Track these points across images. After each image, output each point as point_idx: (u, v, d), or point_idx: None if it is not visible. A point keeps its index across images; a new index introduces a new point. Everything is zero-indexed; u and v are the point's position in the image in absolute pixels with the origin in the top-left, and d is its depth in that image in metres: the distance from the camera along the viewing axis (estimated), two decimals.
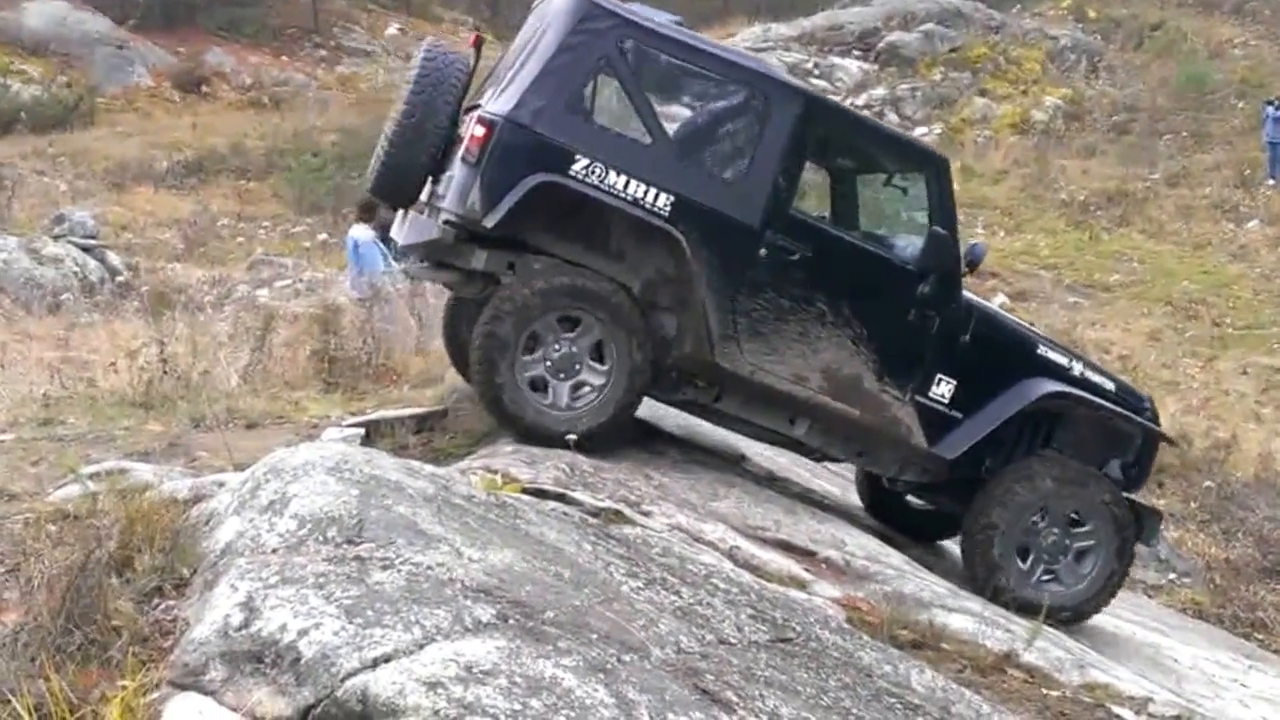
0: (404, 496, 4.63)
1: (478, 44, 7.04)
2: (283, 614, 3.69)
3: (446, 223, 6.36)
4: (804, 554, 6.23)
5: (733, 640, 4.51)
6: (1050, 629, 6.27)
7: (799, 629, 4.83)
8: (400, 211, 7.22)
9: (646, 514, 5.90)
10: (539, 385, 6.47)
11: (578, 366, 6.46)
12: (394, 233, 7.37)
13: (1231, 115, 31.34)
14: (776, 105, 6.64)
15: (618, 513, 5.71)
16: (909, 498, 7.95)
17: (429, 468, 5.44)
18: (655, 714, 3.62)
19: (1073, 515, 7.04)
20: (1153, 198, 27.91)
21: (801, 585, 5.67)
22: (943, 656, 5.30)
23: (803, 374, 6.73)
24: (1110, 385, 7.33)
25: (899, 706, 4.44)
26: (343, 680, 3.45)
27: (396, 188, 6.81)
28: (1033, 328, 7.55)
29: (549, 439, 6.36)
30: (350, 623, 3.65)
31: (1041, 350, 7.16)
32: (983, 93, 33.11)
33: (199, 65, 34.50)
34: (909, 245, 6.99)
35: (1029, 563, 7.00)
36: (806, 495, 7.47)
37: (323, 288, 15.39)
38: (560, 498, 5.72)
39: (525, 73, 6.41)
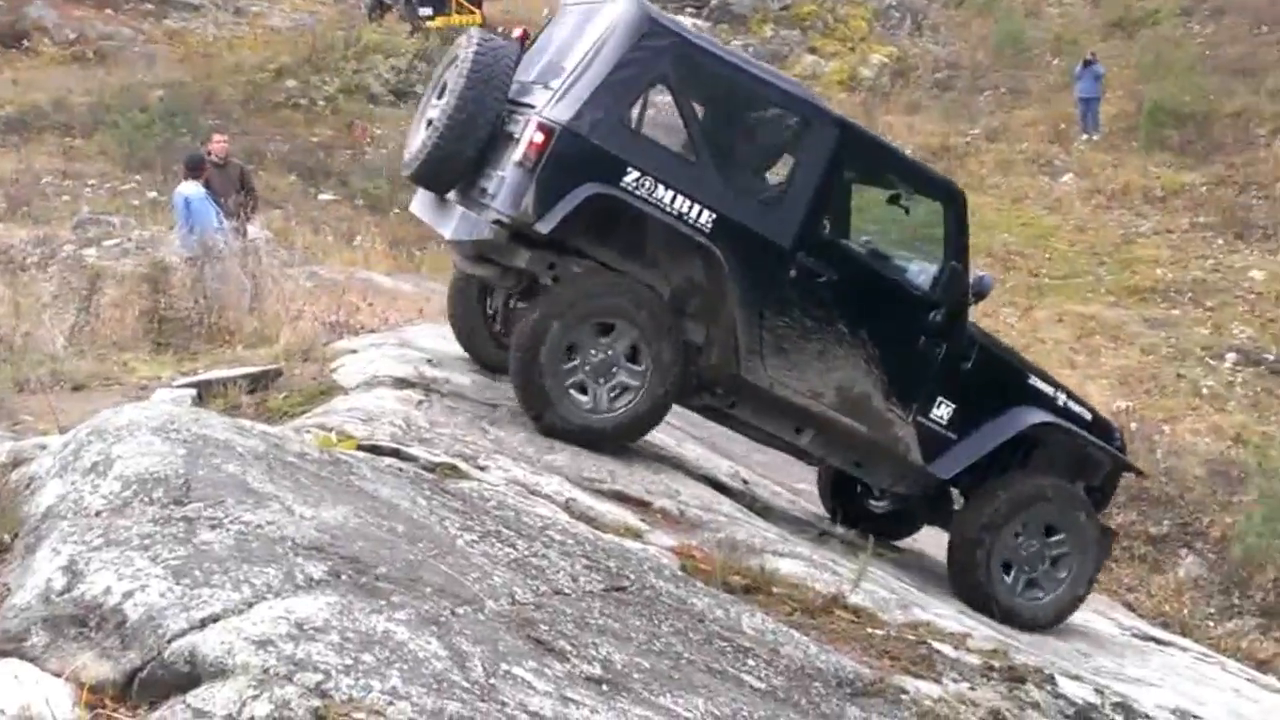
0: (233, 455, 4.59)
1: (524, 39, 7.22)
2: (106, 576, 3.64)
3: (496, 222, 6.49)
4: (639, 504, 6.33)
5: (567, 590, 4.58)
6: (875, 571, 6.49)
7: (633, 578, 4.93)
8: (428, 195, 7.27)
9: (482, 468, 5.93)
10: (579, 387, 6.65)
11: (615, 370, 6.65)
12: (415, 210, 7.47)
13: (1047, 72, 32.11)
14: (816, 132, 6.92)
15: (453, 467, 5.74)
16: (870, 501, 8.27)
17: (260, 426, 5.39)
18: (488, 665, 3.67)
19: (1051, 528, 7.38)
20: (973, 152, 28.58)
21: (637, 535, 5.76)
22: (774, 600, 5.44)
23: (817, 389, 7.03)
24: (1088, 415, 7.72)
25: (729, 649, 4.57)
26: (169, 641, 3.43)
27: (439, 177, 6.93)
28: (1023, 359, 7.98)
29: (581, 438, 6.63)
30: (177, 583, 3.63)
31: (1031, 381, 7.55)
32: (812, 50, 33.41)
33: (19, 19, 32.94)
34: (922, 272, 7.30)
35: (1012, 572, 7.32)
36: (641, 447, 7.55)
37: (152, 246, 14.93)
38: (395, 454, 5.72)
39: (584, 82, 6.55)
